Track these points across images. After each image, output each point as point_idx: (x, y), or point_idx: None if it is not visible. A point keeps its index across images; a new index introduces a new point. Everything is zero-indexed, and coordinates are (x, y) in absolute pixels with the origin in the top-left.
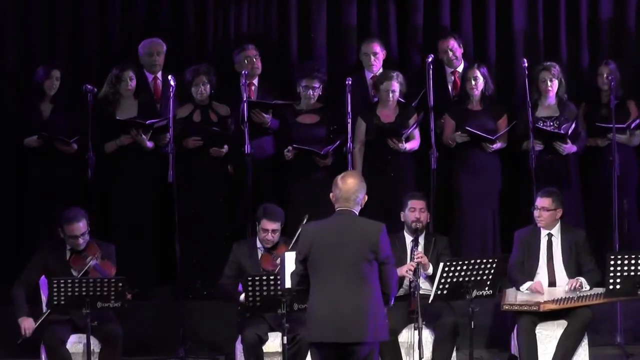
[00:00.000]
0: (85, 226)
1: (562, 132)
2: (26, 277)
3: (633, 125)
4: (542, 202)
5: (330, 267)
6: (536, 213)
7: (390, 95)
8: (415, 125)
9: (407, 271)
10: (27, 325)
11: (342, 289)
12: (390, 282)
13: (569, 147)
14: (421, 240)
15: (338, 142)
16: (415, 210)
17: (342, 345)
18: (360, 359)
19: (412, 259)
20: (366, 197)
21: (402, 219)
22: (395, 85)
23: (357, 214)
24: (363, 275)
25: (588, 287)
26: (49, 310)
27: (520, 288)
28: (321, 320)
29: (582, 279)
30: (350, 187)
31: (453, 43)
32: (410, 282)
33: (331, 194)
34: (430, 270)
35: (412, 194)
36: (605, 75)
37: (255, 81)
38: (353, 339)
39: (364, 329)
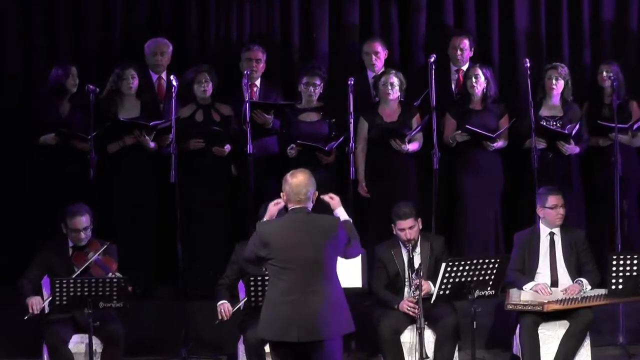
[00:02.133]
0: (88, 221)
1: (566, 132)
2: (29, 275)
3: (635, 126)
4: (557, 199)
5: (290, 267)
6: (555, 212)
7: (389, 88)
8: (419, 128)
9: (407, 308)
10: (35, 302)
11: (303, 288)
12: (351, 256)
13: (572, 148)
14: (417, 249)
15: (342, 139)
16: (404, 230)
17: (305, 343)
18: (324, 355)
19: (410, 287)
20: (317, 194)
21: (394, 232)
22: (393, 79)
23: (310, 210)
24: (324, 272)
25: (589, 287)
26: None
27: (524, 287)
28: (284, 320)
29: (583, 280)
30: (300, 182)
31: (466, 43)
32: (412, 282)
33: (282, 193)
34: (433, 292)
35: (398, 211)
36: (605, 74)
37: (258, 82)
38: (316, 338)
39: (327, 327)
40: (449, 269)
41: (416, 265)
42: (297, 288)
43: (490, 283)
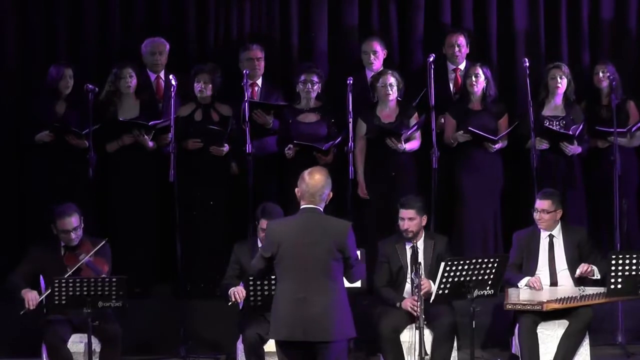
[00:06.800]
0: (77, 221)
1: (570, 132)
2: (20, 270)
3: (634, 129)
4: (542, 204)
5: (298, 266)
6: (536, 215)
7: (388, 89)
8: (416, 127)
9: (410, 306)
10: (31, 297)
11: (310, 287)
12: (355, 279)
13: (575, 148)
14: (420, 245)
15: (340, 139)
16: (403, 220)
17: (310, 344)
18: (330, 357)
19: (412, 289)
20: (331, 194)
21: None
22: (391, 79)
23: (322, 210)
24: (330, 273)
25: (599, 276)
26: (50, 290)
27: (519, 284)
28: (289, 319)
29: (593, 266)
30: (317, 183)
31: (462, 40)
32: (412, 282)
33: (296, 189)
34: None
35: (403, 201)
36: (601, 74)
37: (259, 82)
38: (321, 338)
39: (332, 328)
40: (447, 268)
41: (416, 280)
42: (303, 287)
43: (489, 282)
